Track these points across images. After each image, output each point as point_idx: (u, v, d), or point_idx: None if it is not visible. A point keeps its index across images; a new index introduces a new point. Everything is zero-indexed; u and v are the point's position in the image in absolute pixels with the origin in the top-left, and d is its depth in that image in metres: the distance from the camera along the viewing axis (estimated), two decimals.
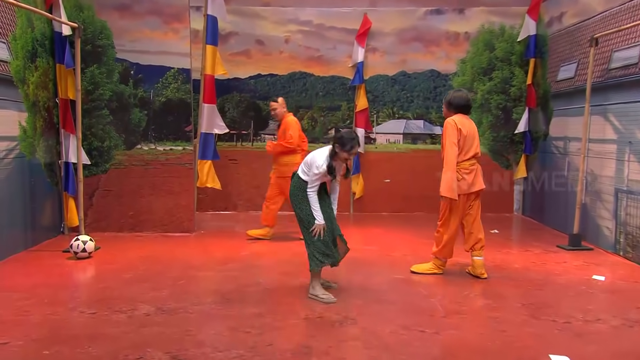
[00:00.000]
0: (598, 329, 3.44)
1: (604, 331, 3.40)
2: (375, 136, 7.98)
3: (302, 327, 3.44)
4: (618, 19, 5.45)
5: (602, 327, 3.47)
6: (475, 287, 4.27)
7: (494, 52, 7.67)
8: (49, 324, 3.39)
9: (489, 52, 7.68)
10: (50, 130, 5.70)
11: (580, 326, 3.47)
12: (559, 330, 3.41)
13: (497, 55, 7.67)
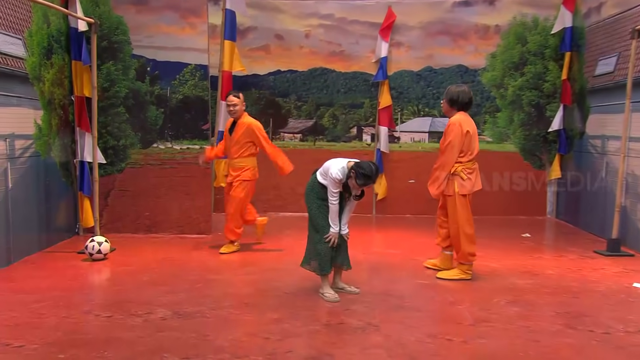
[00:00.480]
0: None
1: None
2: (399, 135, 7.93)
3: (323, 333, 3.43)
4: None
5: None
6: (505, 294, 4.20)
7: (527, 46, 7.55)
8: (64, 327, 3.45)
9: (520, 45, 7.56)
10: (65, 128, 5.81)
11: (621, 337, 3.38)
12: (598, 341, 3.33)
13: (529, 49, 7.55)
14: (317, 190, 4.04)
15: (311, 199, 4.07)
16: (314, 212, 4.05)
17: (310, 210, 4.08)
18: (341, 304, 3.92)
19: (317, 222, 4.05)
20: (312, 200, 4.07)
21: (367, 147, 7.91)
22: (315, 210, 4.05)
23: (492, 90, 7.75)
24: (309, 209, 4.09)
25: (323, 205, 4.01)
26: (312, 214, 4.06)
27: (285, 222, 7.24)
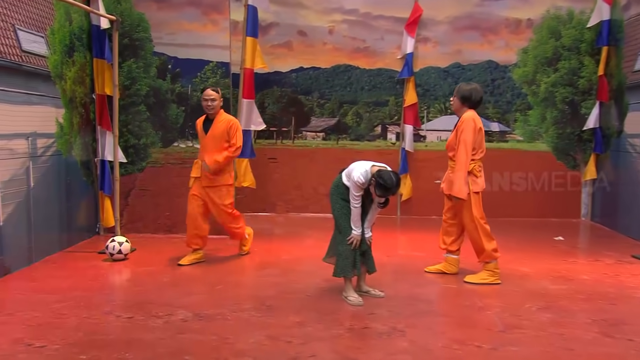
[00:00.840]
0: None
1: None
2: (425, 133, 7.87)
3: (347, 337, 3.43)
4: None
5: None
6: (537, 300, 4.14)
7: (560, 40, 7.41)
8: (85, 327, 3.51)
9: (554, 40, 7.43)
10: (86, 127, 5.92)
11: None
12: (637, 351, 3.25)
13: (563, 43, 7.41)
14: (342, 191, 4.04)
15: (335, 199, 4.09)
16: (337, 213, 4.07)
17: (333, 210, 4.10)
18: (365, 308, 3.91)
19: (339, 222, 4.07)
20: (336, 200, 4.08)
21: (391, 146, 7.87)
22: (338, 210, 4.06)
23: (523, 87, 7.64)
24: (333, 209, 4.11)
25: (346, 206, 4.01)
26: (335, 214, 4.08)
27: (307, 222, 7.25)
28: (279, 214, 7.82)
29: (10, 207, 4.63)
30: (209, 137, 4.93)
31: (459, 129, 4.47)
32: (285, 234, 6.64)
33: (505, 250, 5.71)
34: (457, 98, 4.57)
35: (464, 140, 4.41)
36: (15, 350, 3.15)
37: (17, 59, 4.70)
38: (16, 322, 3.58)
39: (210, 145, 4.93)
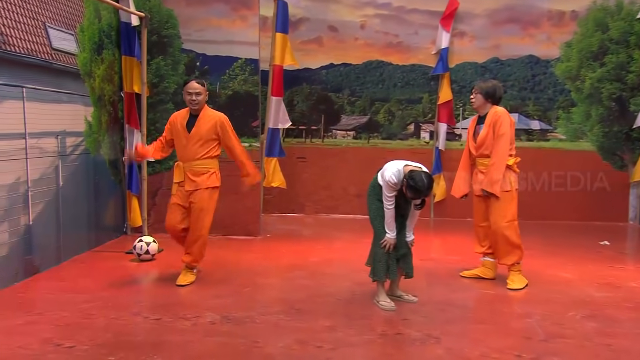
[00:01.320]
0: None
1: None
2: (461, 132, 7.78)
3: (379, 344, 3.41)
4: None
5: None
6: (581, 308, 4.04)
7: (608, 33, 7.22)
8: (113, 328, 3.59)
9: (600, 33, 7.24)
10: (114, 125, 6.05)
11: None
12: None
13: (611, 36, 7.22)
14: (377, 192, 4.02)
15: (371, 200, 4.07)
16: (372, 214, 4.06)
17: (369, 211, 4.10)
18: (398, 313, 3.89)
19: (373, 224, 4.06)
20: (372, 200, 4.07)
21: (425, 145, 7.80)
22: (373, 212, 4.05)
23: (566, 82, 7.47)
24: (369, 210, 4.10)
25: (381, 208, 3.98)
26: (371, 215, 4.08)
27: (337, 224, 7.25)
28: (307, 214, 7.84)
29: (39, 206, 4.77)
30: (194, 136, 4.47)
31: (495, 124, 4.45)
32: (314, 235, 6.65)
33: (547, 255, 5.62)
34: (480, 95, 4.55)
35: (504, 134, 4.40)
36: (45, 350, 3.24)
37: (47, 57, 4.84)
38: (45, 321, 3.68)
39: (195, 145, 4.47)
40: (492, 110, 4.53)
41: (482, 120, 4.58)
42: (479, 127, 4.60)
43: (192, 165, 4.52)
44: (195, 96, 4.47)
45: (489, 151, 4.51)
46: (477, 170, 4.66)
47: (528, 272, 4.68)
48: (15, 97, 4.43)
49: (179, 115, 4.62)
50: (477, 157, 4.62)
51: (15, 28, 4.41)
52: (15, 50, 4.40)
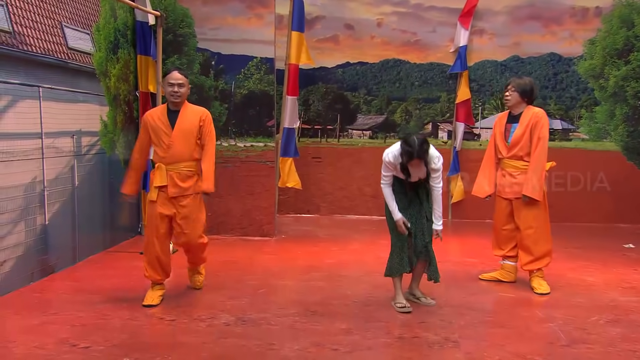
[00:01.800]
0: None
1: None
2: (480, 131, 7.72)
3: (396, 347, 3.40)
4: None
5: None
6: (605, 313, 3.99)
7: (633, 30, 7.13)
8: (129, 329, 3.63)
9: (626, 29, 7.15)
10: (130, 125, 6.11)
11: None
12: None
13: (637, 33, 7.12)
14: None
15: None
16: (385, 209, 4.06)
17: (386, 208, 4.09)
18: (415, 316, 3.87)
19: (387, 218, 4.07)
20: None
21: (443, 145, 7.76)
22: (385, 206, 4.05)
23: (589, 81, 7.38)
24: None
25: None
26: (385, 210, 4.07)
27: (353, 225, 7.24)
28: (323, 215, 7.84)
29: (55, 206, 4.84)
30: (177, 133, 4.02)
31: (535, 125, 4.35)
32: (330, 236, 6.65)
33: (569, 257, 5.56)
34: (516, 93, 4.44)
35: (545, 137, 4.34)
36: (60, 351, 3.28)
37: (63, 57, 4.90)
38: (61, 322, 3.73)
39: (180, 145, 4.03)
40: (529, 111, 4.43)
41: (516, 120, 4.46)
42: (511, 127, 4.48)
43: (179, 168, 4.06)
44: (177, 87, 4.02)
45: (523, 152, 4.41)
46: (504, 172, 4.55)
47: (550, 275, 4.64)
48: (32, 96, 4.50)
49: (153, 113, 4.15)
50: (508, 158, 4.50)
51: (31, 27, 4.47)
52: (31, 50, 4.47)
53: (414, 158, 3.69)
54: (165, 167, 4.05)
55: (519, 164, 4.44)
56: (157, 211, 4.07)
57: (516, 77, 4.57)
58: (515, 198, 4.48)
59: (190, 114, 4.12)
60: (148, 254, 4.17)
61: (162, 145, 4.06)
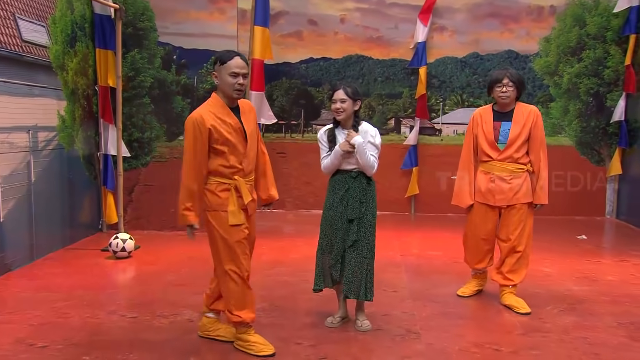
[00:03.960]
0: None
1: None
2: (441, 127, 7.83)
3: (360, 340, 3.43)
4: None
5: None
6: (560, 302, 4.11)
7: (585, 29, 7.33)
8: (88, 327, 3.54)
9: (578, 28, 7.34)
10: (89, 120, 5.95)
11: None
12: None
13: (588, 31, 7.32)
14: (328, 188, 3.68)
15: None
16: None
17: None
18: (379, 309, 3.89)
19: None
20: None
21: (405, 139, 7.83)
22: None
23: (545, 78, 7.56)
24: None
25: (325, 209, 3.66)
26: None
27: (318, 220, 7.22)
28: (288, 210, 7.82)
29: (11, 202, 4.67)
30: (251, 138, 3.24)
31: (534, 125, 3.91)
32: (295, 232, 6.64)
33: None
34: (514, 87, 3.91)
35: (544, 138, 3.97)
36: (17, 350, 3.18)
37: (17, 49, 4.73)
38: (18, 321, 3.62)
39: (252, 150, 3.27)
40: (523, 108, 3.97)
41: (506, 117, 3.95)
42: (500, 125, 3.95)
43: (251, 178, 3.31)
44: (243, 79, 3.15)
45: (520, 154, 3.91)
46: (493, 176, 3.95)
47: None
48: None
49: (209, 114, 3.11)
50: (500, 160, 3.93)
51: None
52: None
53: (338, 88, 3.49)
54: (242, 181, 3.18)
55: (513, 167, 3.92)
56: (242, 236, 3.20)
57: (505, 70, 3.97)
58: (507, 206, 3.95)
59: (247, 109, 3.31)
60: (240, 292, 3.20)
61: (237, 153, 3.16)
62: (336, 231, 3.55)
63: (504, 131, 3.93)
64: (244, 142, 3.18)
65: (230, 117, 3.16)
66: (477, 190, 4.03)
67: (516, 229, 3.95)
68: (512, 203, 3.93)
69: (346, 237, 3.52)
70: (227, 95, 3.16)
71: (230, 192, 3.14)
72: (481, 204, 4.01)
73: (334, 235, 3.56)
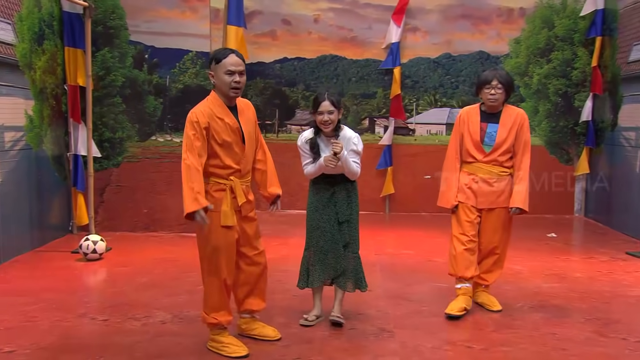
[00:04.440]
0: None
1: None
2: (414, 127, 7.90)
3: (333, 339, 3.43)
4: None
5: None
6: (530, 299, 4.18)
7: (554, 30, 7.48)
8: (58, 331, 3.47)
9: (547, 30, 7.49)
10: (58, 119, 5.83)
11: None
12: (631, 350, 3.31)
13: (557, 33, 7.47)
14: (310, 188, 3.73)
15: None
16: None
17: None
18: (353, 308, 3.90)
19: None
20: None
21: (379, 139, 7.88)
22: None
23: (515, 78, 7.68)
24: None
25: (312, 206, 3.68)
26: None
27: (294, 220, 7.22)
28: (263, 210, 7.74)
29: None
30: (248, 137, 3.19)
31: (521, 127, 3.80)
32: (270, 232, 6.59)
33: None
34: (503, 90, 3.77)
35: (529, 142, 3.85)
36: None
37: None
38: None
39: (250, 150, 3.24)
40: (510, 110, 3.85)
41: (493, 119, 3.82)
42: (486, 126, 3.82)
43: (248, 179, 3.28)
44: (239, 76, 3.08)
45: (505, 158, 3.81)
46: (476, 177, 3.84)
47: None
48: None
49: (208, 112, 3.05)
50: (485, 162, 3.82)
51: None
52: None
53: (324, 99, 3.40)
54: (238, 182, 3.15)
55: (497, 169, 3.83)
56: (231, 239, 3.15)
57: (495, 70, 3.86)
58: (489, 209, 3.85)
59: (246, 108, 3.25)
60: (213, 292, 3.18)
61: (233, 153, 3.12)
62: (324, 233, 3.57)
63: (490, 133, 3.81)
64: (242, 143, 3.14)
65: (229, 117, 3.11)
66: (460, 190, 3.90)
67: (496, 232, 3.88)
68: (494, 206, 3.84)
69: (337, 239, 3.56)
70: (224, 94, 3.12)
71: (225, 192, 3.11)
72: (464, 204, 3.88)
73: (322, 237, 3.57)
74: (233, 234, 3.15)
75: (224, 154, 3.08)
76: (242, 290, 3.35)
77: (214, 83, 3.12)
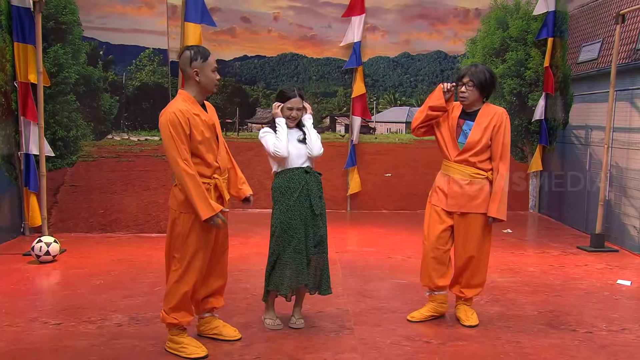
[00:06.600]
0: (624, 339, 3.45)
1: (631, 342, 3.41)
2: (375, 125, 7.96)
3: (293, 337, 3.42)
4: None
5: (629, 337, 3.48)
6: (485, 293, 4.26)
7: (508, 31, 7.66)
8: (7, 336, 3.35)
9: (501, 31, 7.67)
10: (8, 117, 5.64)
11: (603, 337, 3.48)
12: (580, 341, 3.42)
13: (511, 34, 7.66)
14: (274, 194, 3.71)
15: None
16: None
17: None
18: (313, 307, 3.91)
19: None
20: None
21: (340, 138, 7.92)
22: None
23: None
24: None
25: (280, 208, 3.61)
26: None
27: (255, 219, 7.18)
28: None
29: None
30: (219, 133, 3.27)
31: (499, 128, 3.51)
32: (230, 231, 6.53)
33: None
34: (475, 88, 3.51)
35: (508, 145, 3.54)
36: None
37: None
38: None
39: (223, 147, 3.33)
40: (489, 109, 3.57)
41: (471, 117, 3.56)
42: (463, 123, 3.57)
43: (226, 178, 3.33)
44: (217, 73, 3.21)
45: (477, 159, 3.52)
46: (449, 178, 3.58)
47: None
48: None
49: (185, 110, 3.01)
50: (457, 162, 3.56)
51: None
52: None
53: (294, 95, 3.49)
54: (220, 180, 3.19)
55: (470, 171, 3.54)
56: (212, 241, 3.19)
57: (471, 66, 3.56)
58: (461, 213, 3.55)
59: (209, 106, 3.28)
60: (181, 293, 3.09)
61: (212, 150, 3.14)
62: (297, 230, 3.46)
63: (465, 131, 3.56)
64: (216, 139, 3.19)
65: (203, 113, 3.13)
66: (434, 191, 3.69)
67: (471, 239, 3.56)
68: (466, 210, 3.53)
69: (311, 234, 3.50)
70: (207, 90, 3.18)
71: (209, 191, 3.10)
72: (435, 206, 3.64)
73: (294, 238, 3.45)
74: (213, 235, 3.18)
75: (205, 151, 3.09)
76: (204, 290, 3.31)
77: (198, 80, 3.11)
